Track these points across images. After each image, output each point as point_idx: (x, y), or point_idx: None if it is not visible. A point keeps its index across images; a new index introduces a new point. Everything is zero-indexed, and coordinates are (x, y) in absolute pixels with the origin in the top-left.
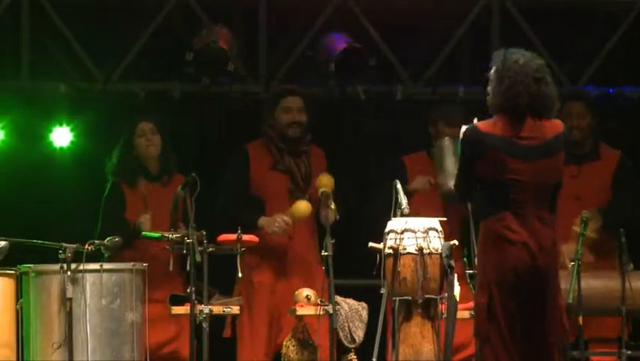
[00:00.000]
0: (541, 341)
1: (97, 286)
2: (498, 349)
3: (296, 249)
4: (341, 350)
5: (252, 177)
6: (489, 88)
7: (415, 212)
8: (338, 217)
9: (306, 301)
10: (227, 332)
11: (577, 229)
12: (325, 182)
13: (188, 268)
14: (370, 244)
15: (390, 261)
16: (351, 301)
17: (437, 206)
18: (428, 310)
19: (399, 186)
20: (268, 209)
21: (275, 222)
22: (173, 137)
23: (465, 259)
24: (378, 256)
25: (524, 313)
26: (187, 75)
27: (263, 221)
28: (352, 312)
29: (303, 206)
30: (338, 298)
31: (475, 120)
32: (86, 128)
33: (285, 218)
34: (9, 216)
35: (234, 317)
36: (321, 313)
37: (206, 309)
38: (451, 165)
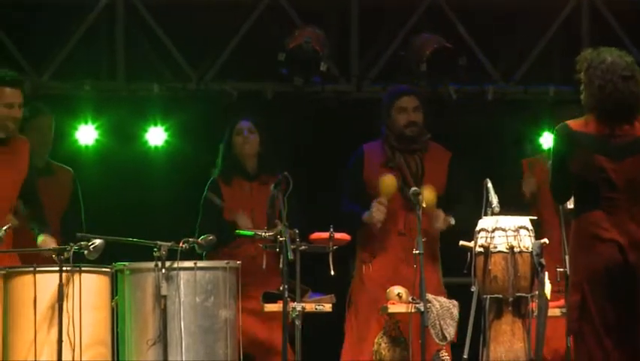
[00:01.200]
0: (637, 340)
1: (191, 284)
2: (592, 347)
3: (406, 246)
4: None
5: (365, 176)
6: (581, 87)
7: None
8: (452, 222)
9: (398, 299)
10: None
11: None
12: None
13: (281, 265)
14: (461, 242)
15: (481, 259)
16: (442, 299)
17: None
18: (519, 308)
19: (489, 185)
20: None
21: (372, 211)
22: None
23: None
24: (469, 254)
25: (618, 312)
26: (280, 75)
27: (365, 217)
28: (443, 310)
29: (388, 181)
30: (429, 296)
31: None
32: (179, 127)
33: (379, 200)
34: (105, 215)
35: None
36: (413, 310)
37: (298, 307)
38: None
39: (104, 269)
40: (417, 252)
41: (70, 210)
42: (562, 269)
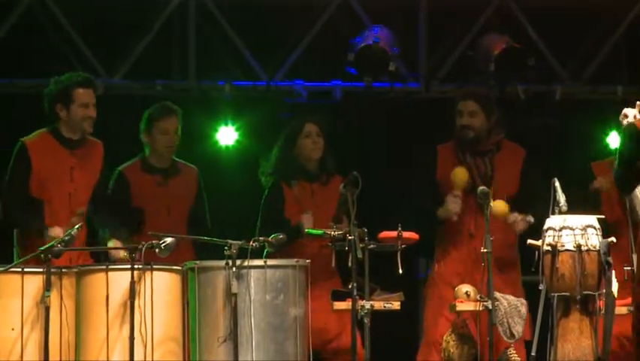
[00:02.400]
0: None
1: (261, 282)
2: None
3: (477, 246)
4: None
5: (439, 177)
6: None
7: None
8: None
9: (466, 298)
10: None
11: None
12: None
13: (350, 264)
14: (529, 241)
15: (548, 258)
16: (510, 297)
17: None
18: (586, 306)
19: (557, 184)
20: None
21: (447, 205)
22: (335, 135)
23: None
24: (537, 253)
25: None
26: (349, 75)
27: (440, 212)
28: (511, 308)
29: (459, 173)
30: (497, 295)
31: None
32: (250, 127)
33: (453, 192)
34: None
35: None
36: (481, 309)
37: (367, 305)
38: None
39: (175, 267)
40: (485, 250)
41: (195, 207)
42: (629, 268)
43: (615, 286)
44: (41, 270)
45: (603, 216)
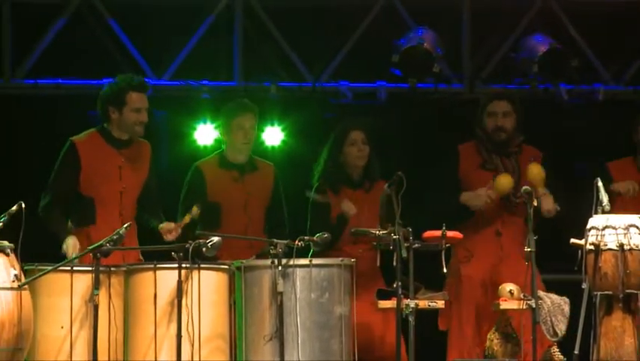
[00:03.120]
0: None
1: (307, 281)
2: None
3: (504, 245)
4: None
5: (461, 176)
6: None
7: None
8: (558, 208)
9: (510, 296)
10: (441, 325)
11: None
12: (534, 173)
13: (394, 263)
14: (572, 240)
15: (591, 257)
16: (553, 295)
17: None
18: (629, 304)
19: (600, 184)
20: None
21: (479, 197)
22: (379, 136)
23: None
24: (579, 252)
25: None
26: (393, 76)
27: (465, 196)
28: (555, 306)
29: (504, 180)
30: (540, 293)
31: None
32: (296, 127)
33: (490, 192)
34: None
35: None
36: (524, 307)
37: (412, 303)
38: None
39: (222, 266)
40: (528, 249)
41: (272, 204)
42: None
43: None
44: (90, 269)
45: None
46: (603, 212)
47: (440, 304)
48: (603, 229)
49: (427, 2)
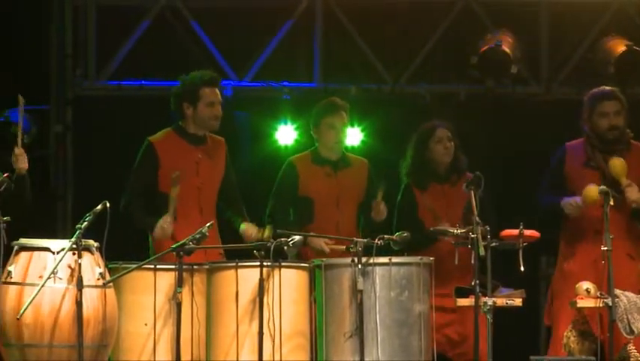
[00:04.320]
0: None
1: (386, 279)
2: None
3: (603, 244)
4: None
5: (565, 173)
6: None
7: None
8: None
9: (586, 294)
10: (546, 320)
11: None
12: (617, 168)
13: (472, 261)
14: None
15: None
16: (630, 293)
17: None
18: None
19: None
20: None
21: (570, 203)
22: (458, 137)
23: None
24: None
25: None
26: (472, 78)
27: (562, 202)
28: (631, 304)
29: (591, 193)
30: (617, 291)
31: None
32: (375, 128)
33: (579, 203)
34: None
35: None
36: (601, 305)
37: (489, 301)
38: None
39: (303, 264)
40: (605, 248)
41: (367, 200)
42: None
43: None
44: (173, 267)
45: None
46: None
47: (518, 302)
48: None
49: (505, 4)
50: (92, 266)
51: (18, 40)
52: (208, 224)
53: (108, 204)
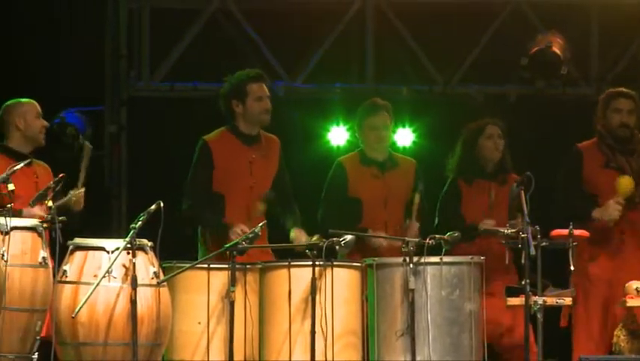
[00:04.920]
0: None
1: (437, 278)
2: None
3: (629, 243)
4: None
5: (584, 176)
6: None
7: None
8: None
9: (636, 293)
10: (563, 322)
11: None
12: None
13: (523, 261)
14: None
15: None
16: None
17: None
18: None
19: None
20: (601, 205)
21: (610, 209)
22: (508, 138)
23: None
24: None
25: None
26: (522, 79)
27: (597, 213)
28: None
29: (625, 182)
30: None
31: None
32: (426, 129)
33: (616, 200)
34: None
35: (570, 307)
36: None
37: (540, 300)
38: None
39: (355, 264)
40: None
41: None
42: None
43: None
44: (226, 266)
45: None
46: None
47: (568, 301)
48: None
49: (555, 5)
50: (146, 265)
51: (74, 42)
52: (260, 224)
53: (162, 204)
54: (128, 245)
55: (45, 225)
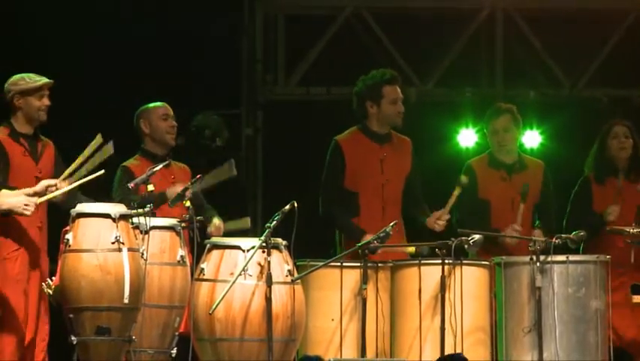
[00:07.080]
0: None
1: (564, 276)
2: None
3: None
4: None
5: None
6: None
7: None
8: None
9: None
10: None
11: None
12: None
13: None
14: None
15: None
16: None
17: None
18: None
19: None
20: None
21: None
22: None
23: None
24: None
25: None
26: None
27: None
28: None
29: None
30: None
31: None
32: (553, 131)
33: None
34: None
35: None
36: None
37: None
38: None
39: (483, 262)
40: None
41: (542, 201)
42: None
43: None
44: (358, 264)
45: None
46: None
47: None
48: None
49: None
50: (281, 263)
51: (212, 48)
52: (392, 223)
53: (296, 204)
54: (263, 244)
55: (183, 224)
